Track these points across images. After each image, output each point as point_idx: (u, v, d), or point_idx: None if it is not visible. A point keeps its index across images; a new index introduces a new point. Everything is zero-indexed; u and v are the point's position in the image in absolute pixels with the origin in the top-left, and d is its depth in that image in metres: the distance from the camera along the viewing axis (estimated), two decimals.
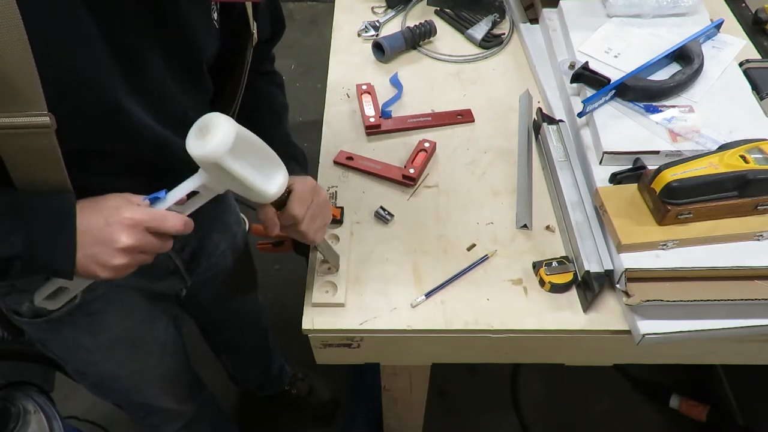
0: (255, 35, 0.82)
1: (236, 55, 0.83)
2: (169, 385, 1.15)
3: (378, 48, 1.26)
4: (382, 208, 0.99)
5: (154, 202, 0.67)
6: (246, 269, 1.28)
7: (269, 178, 0.69)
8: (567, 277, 0.89)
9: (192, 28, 0.70)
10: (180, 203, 0.68)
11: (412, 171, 1.04)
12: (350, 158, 1.07)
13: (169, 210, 0.67)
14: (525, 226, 0.97)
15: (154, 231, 0.65)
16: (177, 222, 0.66)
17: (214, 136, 0.60)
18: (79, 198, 0.65)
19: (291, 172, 0.79)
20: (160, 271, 0.96)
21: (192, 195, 0.69)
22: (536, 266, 0.91)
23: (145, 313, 0.98)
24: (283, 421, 1.77)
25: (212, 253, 1.06)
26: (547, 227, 0.98)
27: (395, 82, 1.21)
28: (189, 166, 0.74)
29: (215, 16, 0.75)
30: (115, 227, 0.63)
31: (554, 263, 0.90)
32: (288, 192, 0.77)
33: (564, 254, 0.93)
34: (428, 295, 0.89)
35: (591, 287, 0.86)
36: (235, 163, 0.62)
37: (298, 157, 0.92)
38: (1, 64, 0.53)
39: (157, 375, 1.10)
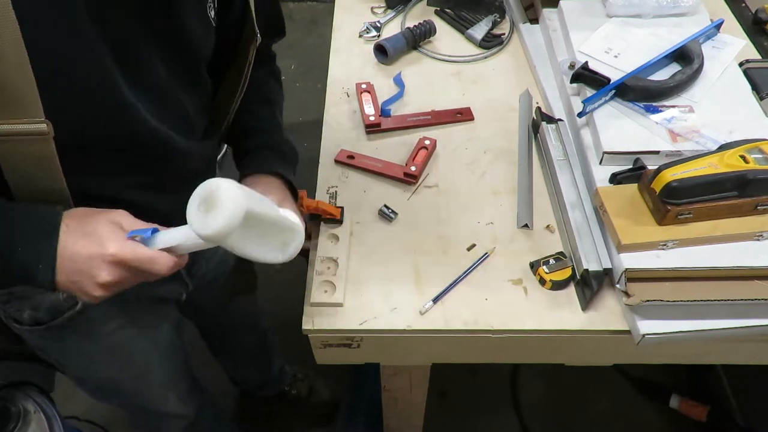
0: (258, 36, 0.81)
1: (237, 54, 0.83)
2: (171, 389, 1.15)
3: (379, 50, 1.26)
4: (385, 206, 1.00)
5: (144, 238, 0.62)
6: (245, 272, 1.28)
7: (280, 247, 0.64)
8: (566, 273, 0.89)
9: (188, 25, 0.70)
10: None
11: (413, 169, 1.04)
12: (351, 157, 1.07)
13: (165, 249, 0.62)
14: (526, 225, 0.97)
15: (138, 270, 0.62)
16: (165, 264, 0.62)
17: (220, 214, 0.54)
18: (75, 202, 0.64)
19: (274, 167, 0.80)
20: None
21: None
22: (534, 266, 0.91)
23: (146, 318, 0.98)
24: (283, 421, 1.77)
25: (212, 257, 1.06)
26: (547, 227, 0.98)
27: (398, 82, 1.21)
28: (190, 165, 0.73)
29: (212, 14, 0.74)
30: (97, 262, 0.60)
31: (551, 260, 0.90)
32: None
33: (560, 250, 0.93)
34: (435, 300, 0.88)
35: (590, 286, 0.86)
36: (240, 240, 0.57)
37: (285, 152, 0.90)
38: None
39: (158, 379, 1.10)
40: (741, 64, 1.12)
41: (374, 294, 0.90)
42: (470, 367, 1.85)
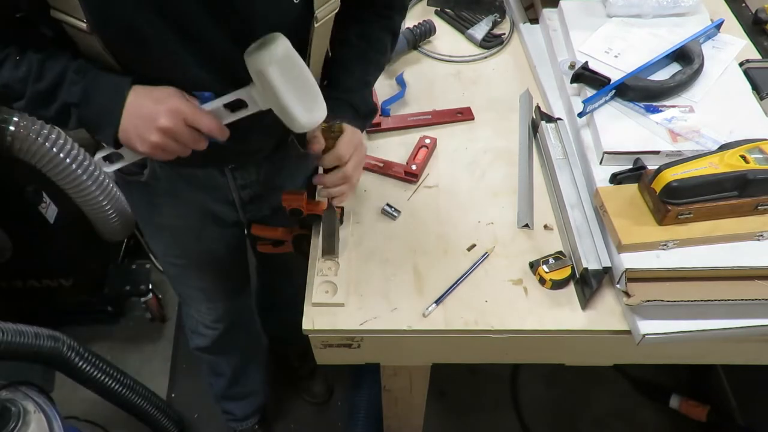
0: (316, 15, 0.80)
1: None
2: (203, 298, 1.27)
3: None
4: (388, 204, 1.00)
5: (202, 100, 0.76)
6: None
7: (307, 109, 0.73)
8: (566, 272, 0.89)
9: None
10: (226, 110, 0.76)
11: (414, 167, 1.04)
12: None
13: (213, 111, 0.75)
14: (526, 225, 0.97)
15: (191, 124, 0.74)
16: (212, 125, 0.75)
17: (268, 47, 0.68)
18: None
19: (344, 117, 0.84)
20: (218, 195, 1.05)
21: (239, 108, 0.76)
22: (534, 265, 0.91)
23: (196, 222, 1.09)
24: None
25: (273, 204, 1.10)
26: (545, 226, 0.98)
27: (400, 82, 1.21)
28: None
29: None
30: (160, 109, 0.72)
31: (551, 260, 0.90)
32: (339, 133, 0.82)
33: (559, 250, 0.93)
34: (438, 301, 0.88)
35: (589, 284, 0.86)
36: (278, 77, 0.69)
37: (359, 107, 0.90)
38: None
39: (193, 283, 1.24)
40: (741, 64, 1.12)
41: (374, 294, 0.90)
42: (470, 367, 1.85)
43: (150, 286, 1.84)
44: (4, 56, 0.76)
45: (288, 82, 0.70)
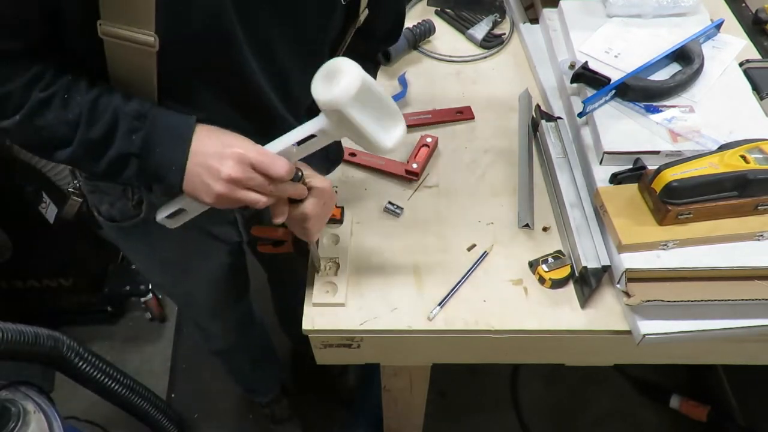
0: (360, 20, 0.80)
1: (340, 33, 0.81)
2: (216, 317, 1.29)
3: (382, 52, 1.26)
4: (390, 203, 1.00)
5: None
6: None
7: (387, 130, 0.68)
8: (565, 271, 0.89)
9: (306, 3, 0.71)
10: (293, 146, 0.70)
11: (415, 166, 1.04)
12: (353, 154, 1.07)
13: (282, 151, 0.69)
14: (527, 225, 0.97)
15: (259, 171, 0.68)
16: (281, 168, 0.68)
17: (340, 81, 0.61)
18: None
19: (313, 162, 0.79)
20: (218, 218, 1.00)
21: (306, 139, 0.69)
22: (533, 265, 0.91)
23: (199, 247, 1.05)
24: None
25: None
26: (544, 228, 0.98)
27: (402, 81, 1.21)
28: (272, 118, 0.77)
29: None
30: (225, 156, 0.67)
31: (550, 259, 0.90)
32: (308, 188, 0.76)
33: (558, 249, 0.93)
34: (442, 304, 0.88)
35: (588, 283, 0.86)
36: (356, 111, 0.63)
37: (329, 149, 0.86)
38: None
39: (204, 304, 1.23)
40: (741, 64, 1.12)
41: (374, 294, 0.90)
42: (470, 367, 1.85)
43: (150, 286, 1.84)
44: (51, 94, 0.66)
45: (366, 112, 0.64)
